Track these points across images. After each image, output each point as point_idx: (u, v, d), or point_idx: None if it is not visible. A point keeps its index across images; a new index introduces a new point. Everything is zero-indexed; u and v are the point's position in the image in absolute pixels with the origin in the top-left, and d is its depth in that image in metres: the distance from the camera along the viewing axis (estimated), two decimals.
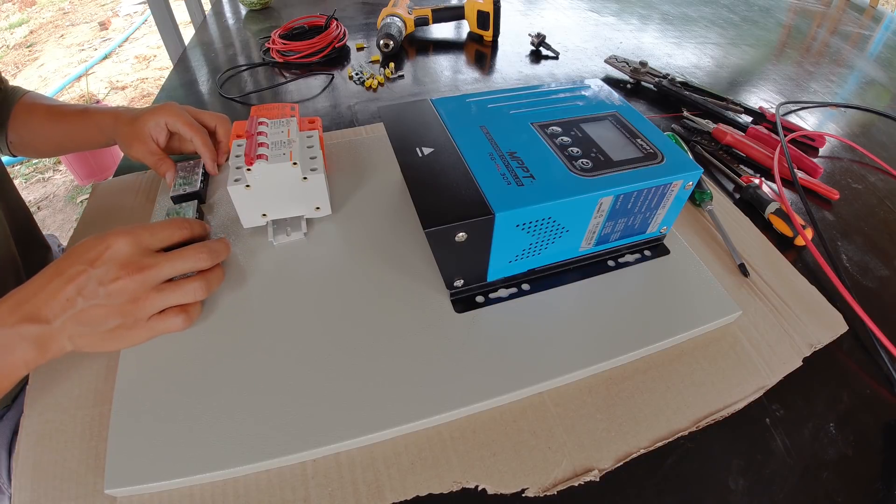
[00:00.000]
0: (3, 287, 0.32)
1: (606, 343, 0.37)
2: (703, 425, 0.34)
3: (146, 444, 0.31)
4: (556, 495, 0.30)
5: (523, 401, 0.34)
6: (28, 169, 1.94)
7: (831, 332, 0.40)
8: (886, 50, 0.95)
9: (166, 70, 2.52)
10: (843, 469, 0.32)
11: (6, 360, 0.30)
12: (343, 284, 0.40)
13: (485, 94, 0.46)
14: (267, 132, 0.42)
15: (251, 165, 0.39)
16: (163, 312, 0.34)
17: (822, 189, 0.54)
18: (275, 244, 0.43)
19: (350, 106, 0.69)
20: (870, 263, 0.47)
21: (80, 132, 0.53)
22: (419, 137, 0.40)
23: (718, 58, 0.86)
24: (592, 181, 0.36)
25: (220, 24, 0.98)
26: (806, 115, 0.70)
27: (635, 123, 0.42)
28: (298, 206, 0.44)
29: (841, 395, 0.36)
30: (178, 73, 0.79)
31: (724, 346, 0.38)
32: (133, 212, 0.49)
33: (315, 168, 0.42)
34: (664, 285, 0.41)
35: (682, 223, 0.48)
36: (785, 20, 1.07)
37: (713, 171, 0.57)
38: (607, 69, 0.80)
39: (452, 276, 0.38)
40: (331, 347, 0.36)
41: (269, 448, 0.31)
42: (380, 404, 0.33)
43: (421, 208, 0.33)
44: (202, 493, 0.30)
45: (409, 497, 0.30)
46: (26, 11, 3.37)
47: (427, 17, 0.87)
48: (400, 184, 0.50)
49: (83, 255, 0.32)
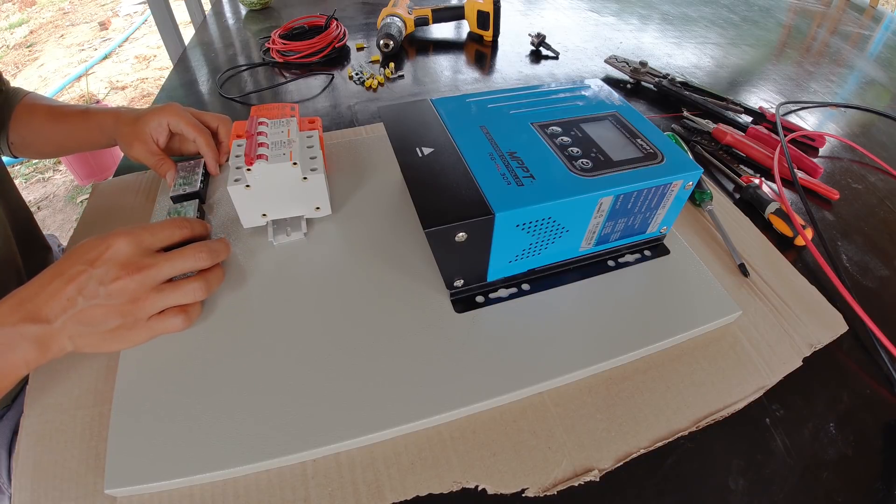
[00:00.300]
0: (5, 288, 0.32)
1: (606, 343, 0.37)
2: (703, 425, 0.34)
3: (146, 444, 0.31)
4: (556, 495, 0.30)
5: (523, 401, 0.34)
6: (28, 169, 1.94)
7: (831, 332, 0.40)
8: (886, 50, 0.95)
9: (166, 70, 2.52)
10: (843, 469, 0.32)
11: (7, 359, 0.30)
12: (343, 284, 0.40)
13: (485, 94, 0.46)
14: (267, 132, 0.42)
15: (251, 165, 0.39)
16: (162, 313, 0.34)
17: (822, 189, 0.54)
18: (275, 244, 0.43)
19: (350, 106, 0.69)
20: (870, 263, 0.47)
21: (82, 133, 0.53)
22: (419, 137, 0.40)
23: (718, 58, 0.86)
24: (592, 181, 0.36)
25: (220, 24, 0.98)
26: (806, 115, 0.70)
27: (635, 123, 0.42)
28: (298, 206, 0.44)
29: (841, 395, 0.36)
30: (178, 73, 0.79)
31: (724, 346, 0.38)
32: (133, 212, 0.49)
33: (315, 168, 0.42)
34: (664, 285, 0.41)
35: (682, 223, 0.48)
36: (785, 20, 1.07)
37: (713, 171, 0.57)
38: (607, 69, 0.80)
39: (452, 276, 0.38)
40: (331, 347, 0.36)
41: (269, 448, 0.31)
42: (380, 404, 0.33)
43: (421, 208, 0.33)
44: (202, 493, 0.30)
45: (409, 497, 0.30)
46: (26, 11, 3.37)
47: (427, 17, 0.87)
48: (400, 184, 0.50)
49: (84, 255, 0.32)
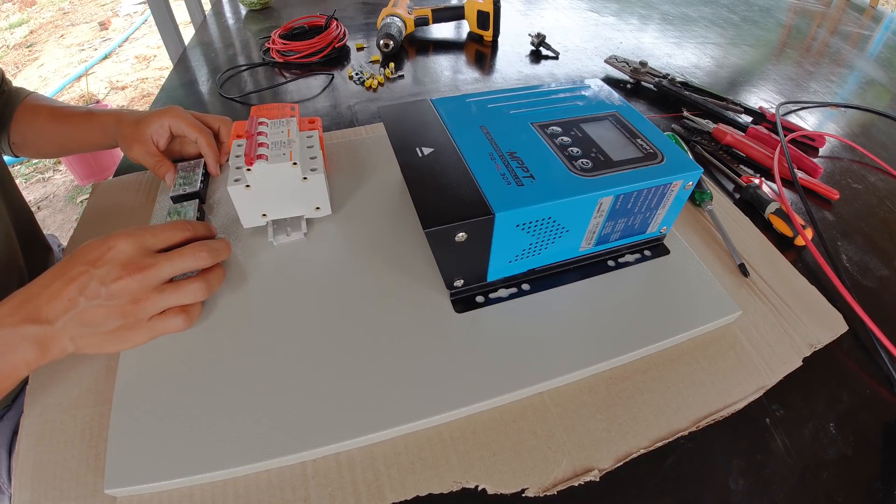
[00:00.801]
0: (7, 289, 0.32)
1: (606, 343, 0.37)
2: (703, 425, 0.34)
3: (146, 444, 0.31)
4: (556, 495, 0.30)
5: (523, 401, 0.34)
6: (28, 169, 1.94)
7: (831, 332, 0.40)
8: (886, 50, 0.95)
9: (166, 70, 2.52)
10: (843, 469, 0.32)
11: (7, 360, 0.30)
12: (343, 284, 0.40)
13: (485, 94, 0.46)
14: (267, 132, 0.42)
15: (251, 165, 0.39)
16: (163, 313, 0.34)
17: (822, 189, 0.54)
18: (275, 244, 0.43)
19: (350, 106, 0.69)
20: (870, 263, 0.47)
21: (84, 134, 0.53)
22: (419, 137, 0.40)
23: (718, 58, 0.86)
24: (592, 181, 0.36)
25: (220, 24, 0.98)
26: (806, 115, 0.70)
27: (635, 123, 0.42)
28: (298, 206, 0.44)
29: (841, 395, 0.36)
30: (178, 73, 0.79)
31: (724, 346, 0.38)
32: (133, 212, 0.49)
33: (315, 168, 0.42)
34: (664, 285, 0.41)
35: (682, 223, 0.48)
36: (785, 20, 1.07)
37: (713, 171, 0.57)
38: (607, 69, 0.80)
39: (452, 276, 0.38)
40: (331, 347, 0.36)
41: (269, 448, 0.31)
42: (380, 404, 0.33)
43: (421, 208, 0.33)
44: (202, 493, 0.30)
45: (409, 497, 0.30)
46: (26, 11, 3.37)
47: (427, 17, 0.87)
48: (400, 184, 0.50)
49: (85, 256, 0.32)
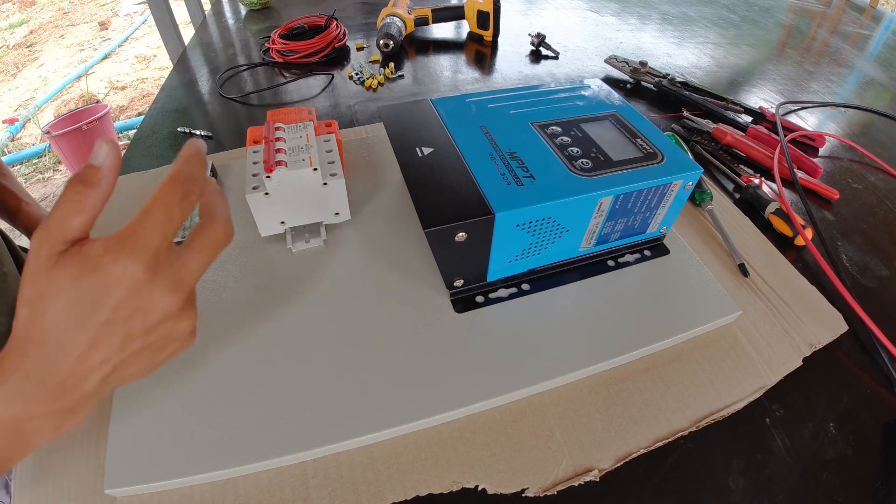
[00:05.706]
0: None
1: (606, 343, 0.37)
2: (703, 425, 0.34)
3: (146, 444, 0.31)
4: (556, 495, 0.30)
5: (523, 401, 0.34)
6: (28, 169, 1.94)
7: (831, 332, 0.40)
8: (886, 50, 0.95)
9: (166, 70, 2.52)
10: (843, 469, 0.32)
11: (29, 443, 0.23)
12: (342, 284, 0.40)
13: (485, 94, 0.46)
14: (285, 137, 0.41)
15: (271, 172, 0.38)
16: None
17: (822, 189, 0.54)
18: (294, 251, 0.43)
19: (350, 106, 0.69)
20: (870, 263, 0.47)
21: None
22: (419, 137, 0.40)
23: (718, 58, 0.86)
24: (592, 181, 0.36)
25: (219, 24, 0.98)
26: (806, 115, 0.70)
27: (635, 123, 0.42)
28: (317, 212, 0.43)
29: (841, 395, 0.36)
30: (177, 73, 0.79)
31: (724, 346, 0.38)
32: (133, 212, 0.49)
33: (335, 173, 0.41)
34: (664, 285, 0.41)
35: (682, 223, 0.48)
36: (785, 20, 1.07)
37: (713, 171, 0.57)
38: (607, 69, 0.79)
39: (452, 276, 0.38)
40: (330, 347, 0.36)
41: (269, 448, 0.31)
42: (380, 404, 0.33)
43: (421, 208, 0.33)
44: (202, 493, 0.30)
45: (408, 497, 0.30)
46: (26, 11, 3.37)
47: (427, 17, 0.87)
48: (399, 184, 0.50)
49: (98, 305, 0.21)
